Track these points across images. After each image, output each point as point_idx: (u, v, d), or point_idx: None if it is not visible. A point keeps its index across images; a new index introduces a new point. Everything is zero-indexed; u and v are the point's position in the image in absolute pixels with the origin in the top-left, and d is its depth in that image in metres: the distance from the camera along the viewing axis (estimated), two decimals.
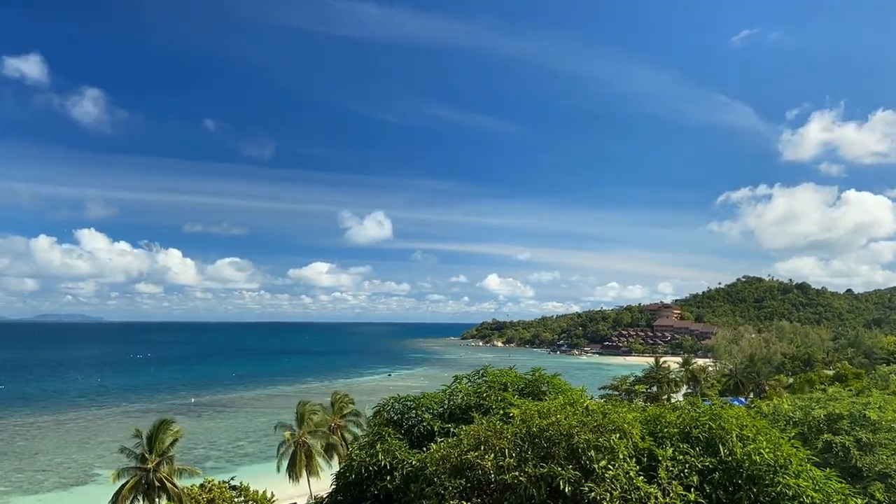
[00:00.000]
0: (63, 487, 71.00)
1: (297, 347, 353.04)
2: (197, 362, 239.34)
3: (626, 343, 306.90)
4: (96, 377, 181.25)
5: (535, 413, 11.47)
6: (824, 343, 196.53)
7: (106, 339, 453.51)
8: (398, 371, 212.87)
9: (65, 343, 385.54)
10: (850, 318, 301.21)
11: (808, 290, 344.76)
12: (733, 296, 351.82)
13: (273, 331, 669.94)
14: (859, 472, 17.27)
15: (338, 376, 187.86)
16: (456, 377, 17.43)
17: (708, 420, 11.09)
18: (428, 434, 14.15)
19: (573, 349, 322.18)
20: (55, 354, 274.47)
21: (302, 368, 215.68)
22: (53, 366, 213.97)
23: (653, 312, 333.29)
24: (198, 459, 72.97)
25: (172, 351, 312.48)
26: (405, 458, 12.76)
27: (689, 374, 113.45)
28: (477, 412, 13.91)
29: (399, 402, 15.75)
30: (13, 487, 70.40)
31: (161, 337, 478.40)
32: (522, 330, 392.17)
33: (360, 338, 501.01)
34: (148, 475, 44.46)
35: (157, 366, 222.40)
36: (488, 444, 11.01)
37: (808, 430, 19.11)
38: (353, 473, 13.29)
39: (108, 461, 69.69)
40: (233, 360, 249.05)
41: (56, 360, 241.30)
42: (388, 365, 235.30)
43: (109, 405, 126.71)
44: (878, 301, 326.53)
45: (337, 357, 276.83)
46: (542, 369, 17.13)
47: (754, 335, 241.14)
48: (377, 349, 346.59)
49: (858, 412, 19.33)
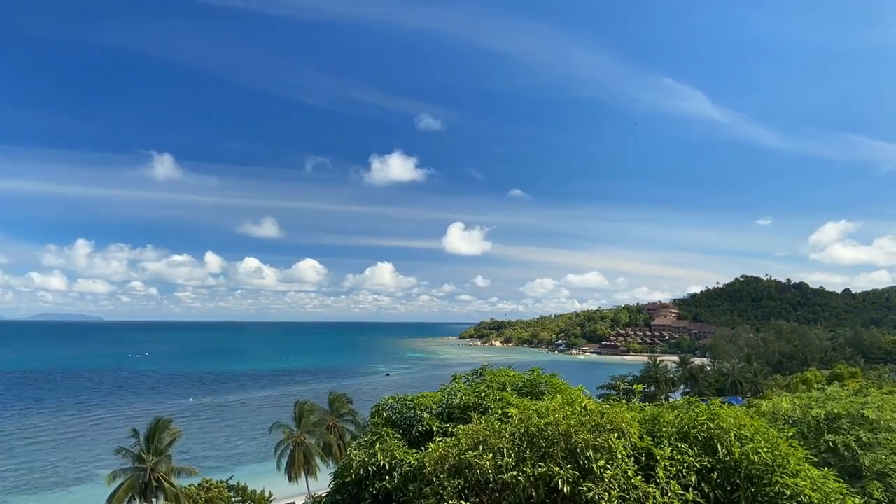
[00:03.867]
0: (62, 487, 70.98)
1: (296, 348, 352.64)
2: (196, 362, 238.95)
3: (625, 342, 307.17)
4: (95, 377, 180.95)
5: (533, 413, 11.46)
6: (822, 343, 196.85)
7: (105, 338, 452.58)
8: (396, 371, 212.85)
9: (64, 343, 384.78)
10: (847, 317, 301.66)
11: (806, 289, 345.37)
12: (731, 295, 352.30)
13: (271, 331, 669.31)
14: (858, 471, 17.31)
15: (335, 376, 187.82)
16: (454, 377, 17.44)
17: (706, 420, 11.09)
18: (426, 434, 14.14)
19: (571, 348, 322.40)
20: (55, 354, 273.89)
21: (300, 368, 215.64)
22: (53, 366, 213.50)
23: (651, 312, 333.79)
24: (196, 459, 72.83)
25: (172, 351, 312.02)
26: (404, 457, 12.74)
27: (686, 374, 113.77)
28: (475, 412, 13.89)
29: (397, 401, 15.74)
30: (13, 487, 70.32)
31: (159, 337, 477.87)
32: (521, 329, 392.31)
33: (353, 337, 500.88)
34: (145, 475, 44.39)
35: (157, 366, 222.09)
36: (487, 444, 11.00)
37: (806, 429, 19.13)
38: (352, 473, 13.26)
39: (106, 461, 69.49)
40: (232, 360, 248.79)
41: (56, 359, 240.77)
42: (386, 364, 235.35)
43: (108, 405, 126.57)
44: (876, 301, 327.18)
45: (336, 357, 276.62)
46: (540, 369, 17.15)
47: (752, 335, 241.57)
48: (377, 349, 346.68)
49: (857, 411, 19.36)
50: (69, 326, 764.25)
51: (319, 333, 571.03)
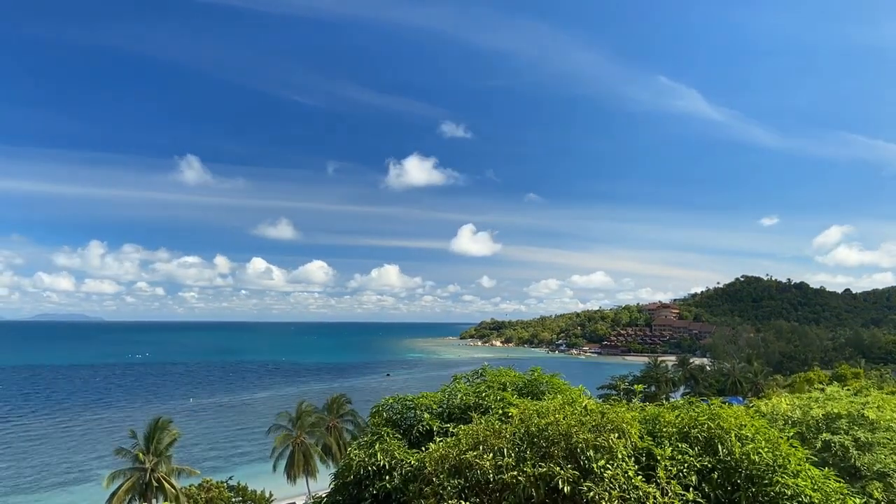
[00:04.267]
0: (62, 487, 70.93)
1: (297, 348, 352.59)
2: (196, 362, 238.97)
3: (625, 342, 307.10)
4: (95, 377, 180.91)
5: (533, 413, 11.45)
6: (822, 342, 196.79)
7: (105, 338, 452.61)
8: (397, 371, 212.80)
9: (64, 343, 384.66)
10: (848, 317, 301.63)
11: (807, 289, 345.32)
12: (731, 295, 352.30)
13: (268, 331, 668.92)
14: (858, 471, 17.28)
15: (336, 376, 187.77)
16: (455, 377, 17.42)
17: (706, 419, 11.07)
18: (427, 434, 14.12)
19: (572, 348, 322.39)
20: (55, 354, 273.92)
21: (300, 368, 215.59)
22: (53, 365, 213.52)
23: (651, 312, 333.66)
24: (196, 459, 72.84)
25: (173, 351, 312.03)
26: (404, 457, 12.72)
27: (687, 374, 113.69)
28: (475, 412, 13.88)
29: (398, 401, 15.72)
30: (12, 487, 70.27)
31: (160, 337, 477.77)
32: (521, 329, 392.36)
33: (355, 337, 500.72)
34: (145, 475, 44.35)
35: (156, 365, 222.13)
36: (487, 444, 10.99)
37: (806, 429, 19.11)
38: (352, 473, 13.24)
39: (106, 461, 69.53)
40: (233, 360, 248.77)
41: (55, 359, 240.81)
42: (386, 365, 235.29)
43: (108, 405, 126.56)
44: (876, 301, 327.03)
45: (337, 357, 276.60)
46: (540, 369, 17.13)
47: (752, 334, 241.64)
48: (378, 349, 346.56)
49: (857, 411, 19.33)
50: (69, 326, 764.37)
51: (321, 334, 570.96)
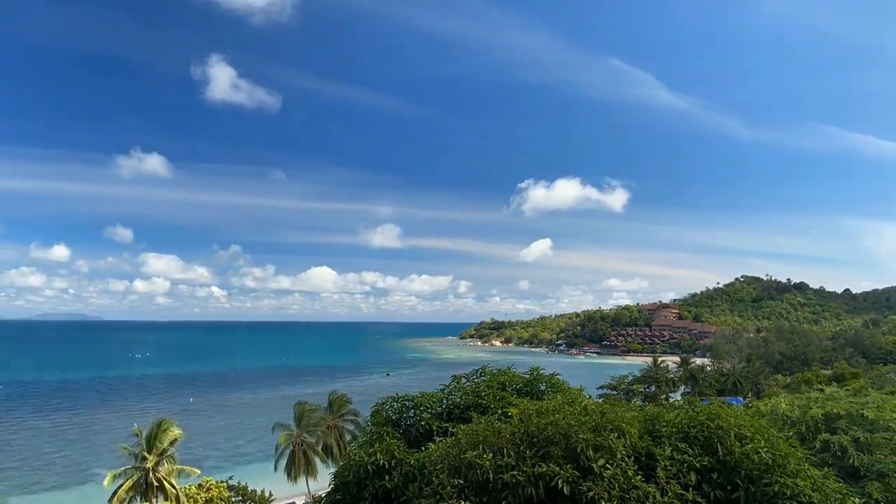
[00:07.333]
0: (62, 487, 70.90)
1: (296, 348, 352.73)
2: (195, 362, 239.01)
3: (625, 343, 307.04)
4: (96, 377, 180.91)
5: (533, 412, 11.45)
6: (822, 343, 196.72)
7: (105, 338, 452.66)
8: (397, 371, 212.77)
9: (64, 342, 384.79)
10: (847, 318, 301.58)
11: (807, 289, 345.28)
12: (731, 295, 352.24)
13: (267, 330, 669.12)
14: (857, 471, 17.30)
15: (336, 376, 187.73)
16: (454, 377, 17.42)
17: (706, 419, 11.06)
18: (426, 433, 14.13)
19: (572, 349, 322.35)
20: (55, 354, 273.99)
21: (300, 368, 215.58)
22: (52, 365, 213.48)
23: (651, 312, 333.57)
24: (196, 459, 72.72)
25: (173, 351, 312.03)
26: (404, 457, 12.72)
27: (687, 374, 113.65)
28: (475, 411, 13.89)
29: (398, 401, 15.71)
30: (12, 487, 70.23)
31: (160, 336, 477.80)
32: (521, 330, 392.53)
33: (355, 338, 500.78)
34: (146, 475, 44.34)
35: (157, 365, 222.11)
36: (487, 444, 10.99)
37: (805, 429, 19.13)
38: (352, 473, 13.25)
39: (106, 461, 69.53)
40: (231, 361, 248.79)
41: (55, 359, 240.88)
42: (386, 365, 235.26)
43: (108, 404, 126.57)
44: (876, 301, 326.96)
45: (337, 357, 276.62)
46: (540, 369, 17.12)
47: (752, 334, 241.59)
48: (379, 349, 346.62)
49: (856, 412, 19.35)
50: (70, 326, 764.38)
51: (322, 334, 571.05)
